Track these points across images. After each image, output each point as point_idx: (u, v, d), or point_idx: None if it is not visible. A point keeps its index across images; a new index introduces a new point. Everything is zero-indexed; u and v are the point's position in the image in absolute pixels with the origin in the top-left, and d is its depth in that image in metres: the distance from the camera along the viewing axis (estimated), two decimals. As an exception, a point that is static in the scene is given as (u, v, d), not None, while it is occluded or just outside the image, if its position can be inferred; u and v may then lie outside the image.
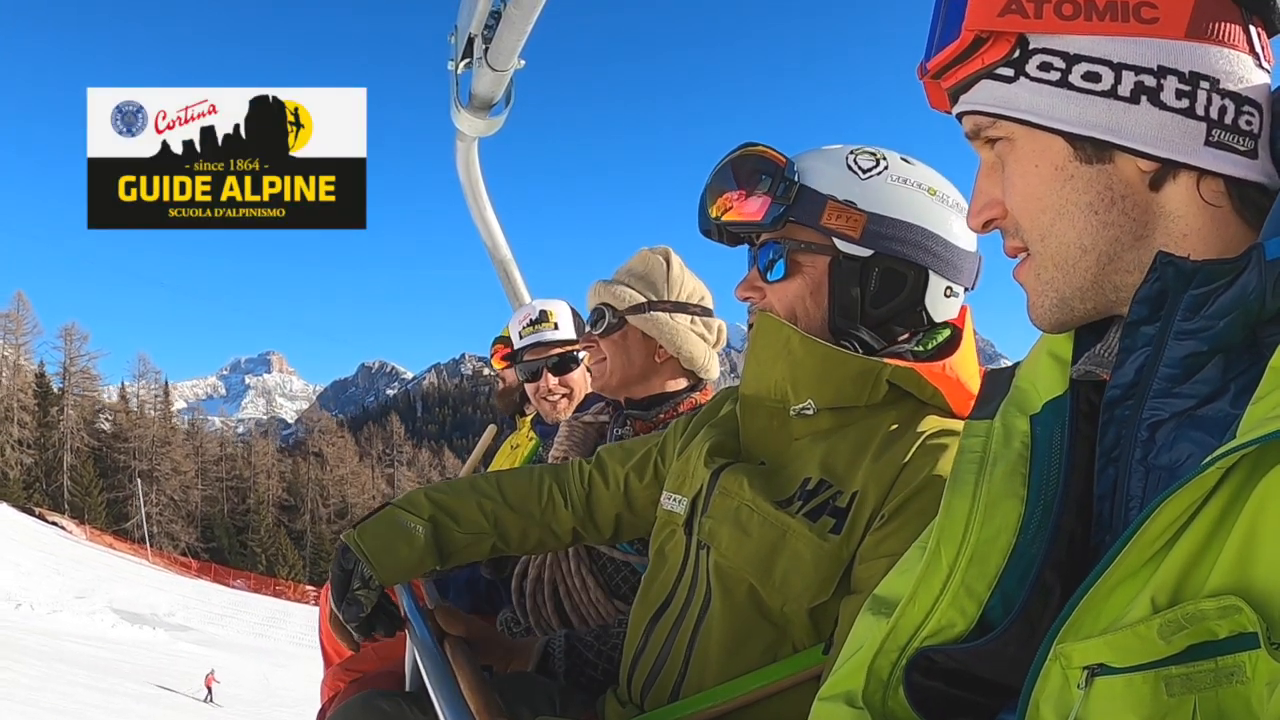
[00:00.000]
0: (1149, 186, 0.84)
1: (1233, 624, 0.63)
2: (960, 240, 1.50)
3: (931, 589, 0.90)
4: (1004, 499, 0.89)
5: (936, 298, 1.50)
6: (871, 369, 1.42)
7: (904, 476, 1.34)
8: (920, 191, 1.48)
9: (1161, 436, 0.80)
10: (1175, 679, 0.65)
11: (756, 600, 1.41)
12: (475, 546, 1.82)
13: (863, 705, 0.91)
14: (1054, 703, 0.72)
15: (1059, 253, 0.88)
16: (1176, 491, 0.67)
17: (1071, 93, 0.84)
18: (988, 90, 0.89)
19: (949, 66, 0.91)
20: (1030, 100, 0.86)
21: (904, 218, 1.46)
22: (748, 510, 1.44)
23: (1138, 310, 0.81)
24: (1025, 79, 0.86)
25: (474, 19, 2.78)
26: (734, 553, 1.44)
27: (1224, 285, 0.76)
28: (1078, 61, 0.84)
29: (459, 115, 3.11)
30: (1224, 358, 0.77)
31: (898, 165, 1.50)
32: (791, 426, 1.51)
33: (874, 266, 1.46)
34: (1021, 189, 0.89)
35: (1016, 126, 0.88)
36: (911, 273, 1.47)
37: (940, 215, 1.48)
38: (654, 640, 1.55)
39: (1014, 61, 0.86)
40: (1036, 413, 0.93)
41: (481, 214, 3.59)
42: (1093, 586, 0.71)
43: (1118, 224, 0.85)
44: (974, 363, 1.52)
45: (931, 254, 1.47)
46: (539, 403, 3.03)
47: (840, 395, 1.44)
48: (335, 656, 2.71)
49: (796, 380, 1.46)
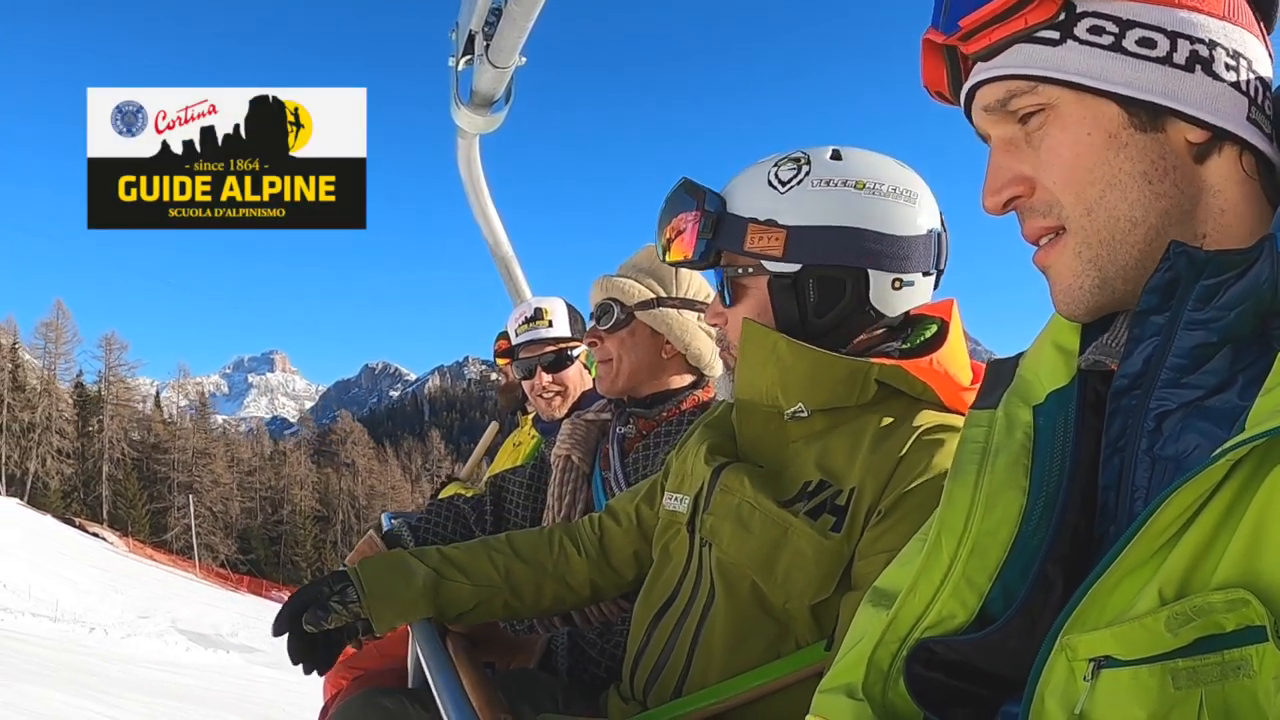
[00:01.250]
0: (1195, 160, 0.82)
1: (1240, 617, 0.63)
2: (901, 227, 1.45)
3: (932, 580, 0.89)
4: (1005, 490, 0.88)
5: (884, 293, 1.47)
6: (860, 369, 1.42)
7: (900, 471, 1.34)
8: (846, 190, 1.44)
9: (1168, 427, 0.79)
10: (1182, 672, 0.65)
11: (759, 596, 1.41)
12: (487, 604, 1.75)
13: (863, 697, 0.91)
14: (1059, 695, 0.71)
15: (1108, 226, 0.84)
16: (1184, 484, 0.66)
17: (1127, 58, 0.81)
18: (1027, 53, 0.84)
19: (986, 25, 0.85)
20: (1082, 62, 0.82)
21: (829, 223, 1.44)
22: (749, 507, 1.44)
23: (1148, 299, 0.81)
24: (1074, 42, 0.82)
25: (475, 16, 2.78)
26: (736, 549, 1.44)
27: (1235, 276, 0.76)
28: (1131, 26, 0.81)
29: (460, 112, 3.11)
30: (1233, 349, 0.76)
31: (822, 166, 1.46)
32: (787, 430, 1.50)
33: (807, 278, 1.45)
34: (1069, 159, 0.84)
35: (1063, 92, 0.84)
36: (848, 276, 1.45)
37: (871, 208, 1.44)
38: (657, 638, 1.55)
39: (1060, 24, 0.83)
40: (1040, 403, 0.92)
41: (483, 210, 3.60)
42: (1099, 578, 0.71)
43: (1169, 195, 0.82)
44: (963, 355, 1.52)
45: (865, 252, 1.44)
46: (536, 400, 3.03)
47: (832, 397, 1.44)
48: (338, 655, 2.71)
49: (787, 384, 1.45)
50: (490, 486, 2.81)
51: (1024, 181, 0.88)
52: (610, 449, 2.29)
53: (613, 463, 2.25)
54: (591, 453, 2.37)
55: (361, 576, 1.68)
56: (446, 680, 1.43)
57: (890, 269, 1.45)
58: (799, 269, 1.45)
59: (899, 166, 1.50)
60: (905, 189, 1.46)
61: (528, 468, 2.77)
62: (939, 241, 1.50)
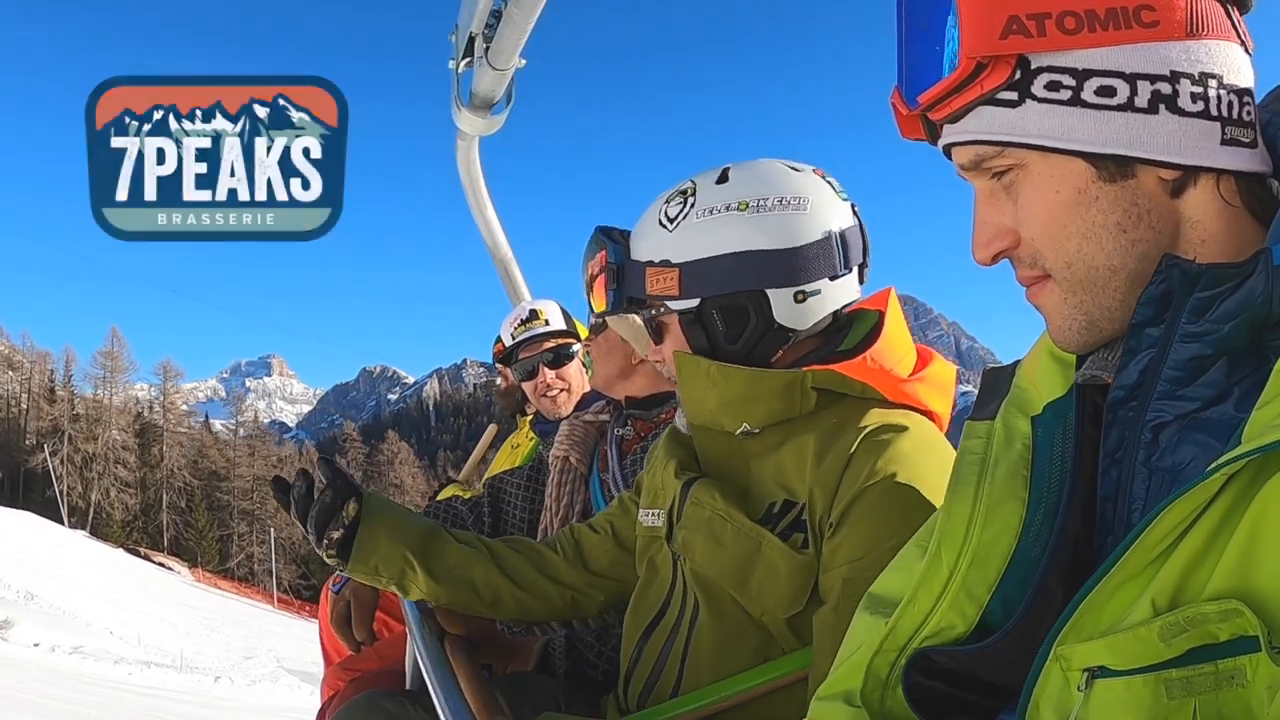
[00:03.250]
0: (1170, 195, 0.81)
1: (1233, 627, 0.63)
2: (792, 239, 1.43)
3: (931, 591, 0.89)
4: (1005, 501, 0.88)
5: (788, 309, 1.45)
6: (794, 379, 1.41)
7: (846, 479, 1.33)
8: (729, 215, 1.43)
9: (1165, 438, 0.79)
10: (1175, 682, 0.65)
11: (741, 605, 1.42)
12: (467, 560, 1.75)
13: (861, 704, 0.91)
14: (1054, 704, 0.72)
15: (1088, 276, 0.84)
16: (1179, 497, 0.66)
17: (1087, 110, 0.79)
18: (988, 118, 0.82)
19: (942, 100, 0.84)
20: (1042, 123, 0.80)
21: (715, 252, 1.44)
22: (720, 520, 1.44)
23: (1143, 312, 0.81)
24: (1033, 101, 0.80)
25: (475, 18, 2.79)
26: (708, 563, 1.44)
27: (1230, 289, 0.76)
28: (1088, 77, 0.79)
29: (460, 114, 3.11)
30: (1229, 361, 0.76)
31: (707, 194, 1.46)
32: (745, 447, 1.50)
33: (710, 310, 1.46)
34: (1041, 217, 0.84)
35: (1029, 152, 0.82)
36: (747, 301, 1.44)
37: (757, 227, 1.43)
38: (648, 652, 1.55)
39: (1016, 84, 0.80)
40: (1038, 414, 0.92)
41: (482, 213, 3.60)
42: (1094, 589, 0.71)
43: (1145, 239, 0.81)
44: (902, 345, 1.50)
45: (757, 274, 1.43)
46: (539, 400, 3.02)
47: (772, 411, 1.44)
48: (335, 656, 2.72)
49: (727, 406, 1.46)
50: (488, 488, 2.81)
51: (1009, 234, 0.87)
52: (609, 450, 2.29)
53: (611, 464, 2.25)
54: (590, 454, 2.37)
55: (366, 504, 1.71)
56: (444, 682, 1.43)
57: (788, 284, 1.43)
58: (699, 303, 1.46)
59: (787, 173, 1.47)
60: (793, 197, 1.43)
61: (525, 469, 2.77)
62: (842, 240, 1.45)
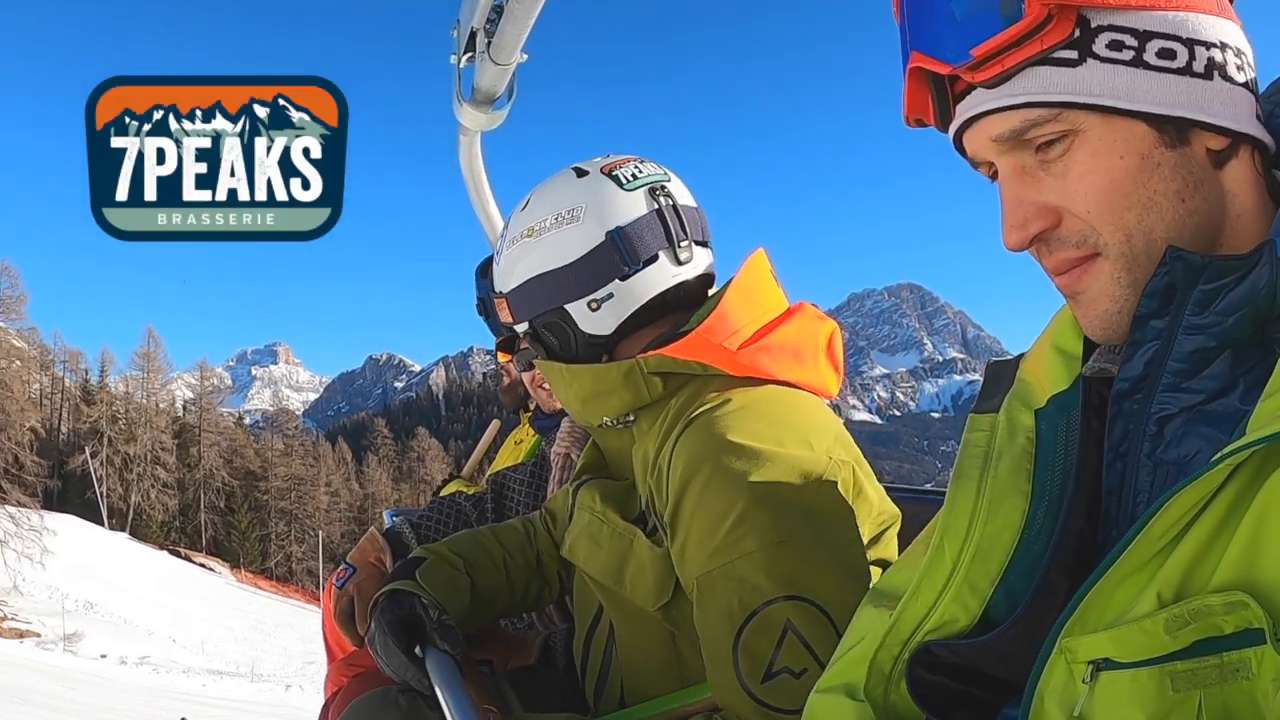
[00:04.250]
0: (1215, 165, 0.80)
1: (1239, 619, 0.63)
2: (568, 254, 1.46)
3: (935, 584, 0.89)
4: (1008, 496, 0.88)
5: (587, 319, 1.49)
6: (631, 368, 1.43)
7: (671, 473, 1.33)
8: (522, 243, 1.51)
9: (1170, 431, 0.79)
10: (1181, 674, 0.65)
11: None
12: (490, 570, 1.74)
13: (864, 698, 0.91)
14: (1058, 697, 0.72)
15: (1146, 250, 0.79)
16: (1184, 488, 0.66)
17: (1149, 72, 0.77)
18: (1044, 77, 0.78)
19: (1000, 53, 0.78)
20: (1106, 83, 0.77)
21: (520, 279, 1.52)
22: (598, 522, 1.48)
23: (1147, 304, 0.80)
24: (1094, 60, 0.77)
25: (476, 13, 2.77)
26: (590, 565, 1.48)
27: (1234, 281, 0.75)
28: (1150, 38, 0.77)
29: (461, 110, 3.10)
30: (1233, 353, 0.76)
31: (514, 224, 1.54)
32: (626, 441, 1.52)
33: (536, 330, 1.55)
34: (1103, 185, 0.79)
35: (1088, 116, 0.78)
36: (555, 318, 1.51)
37: (539, 251, 1.49)
38: (594, 654, 1.57)
39: (1077, 42, 0.77)
40: (1041, 407, 0.91)
41: (484, 208, 3.58)
42: (1098, 581, 0.71)
43: (1200, 210, 0.79)
44: (749, 310, 1.47)
45: (550, 294, 1.50)
46: (536, 392, 3.02)
47: (624, 402, 1.46)
48: (339, 651, 2.71)
49: (585, 403, 1.50)
50: (491, 484, 2.81)
51: (1049, 213, 0.82)
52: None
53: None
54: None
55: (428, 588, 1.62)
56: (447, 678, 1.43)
57: (578, 296, 1.48)
58: (528, 325, 1.55)
59: (567, 184, 1.50)
60: (566, 210, 1.47)
61: (528, 466, 2.77)
62: (621, 238, 1.45)
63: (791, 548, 1.21)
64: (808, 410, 1.41)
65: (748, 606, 1.20)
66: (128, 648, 19.72)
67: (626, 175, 1.49)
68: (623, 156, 1.54)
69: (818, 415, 1.41)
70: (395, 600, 1.59)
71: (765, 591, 1.20)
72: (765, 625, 1.19)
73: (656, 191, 1.49)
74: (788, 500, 1.24)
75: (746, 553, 1.22)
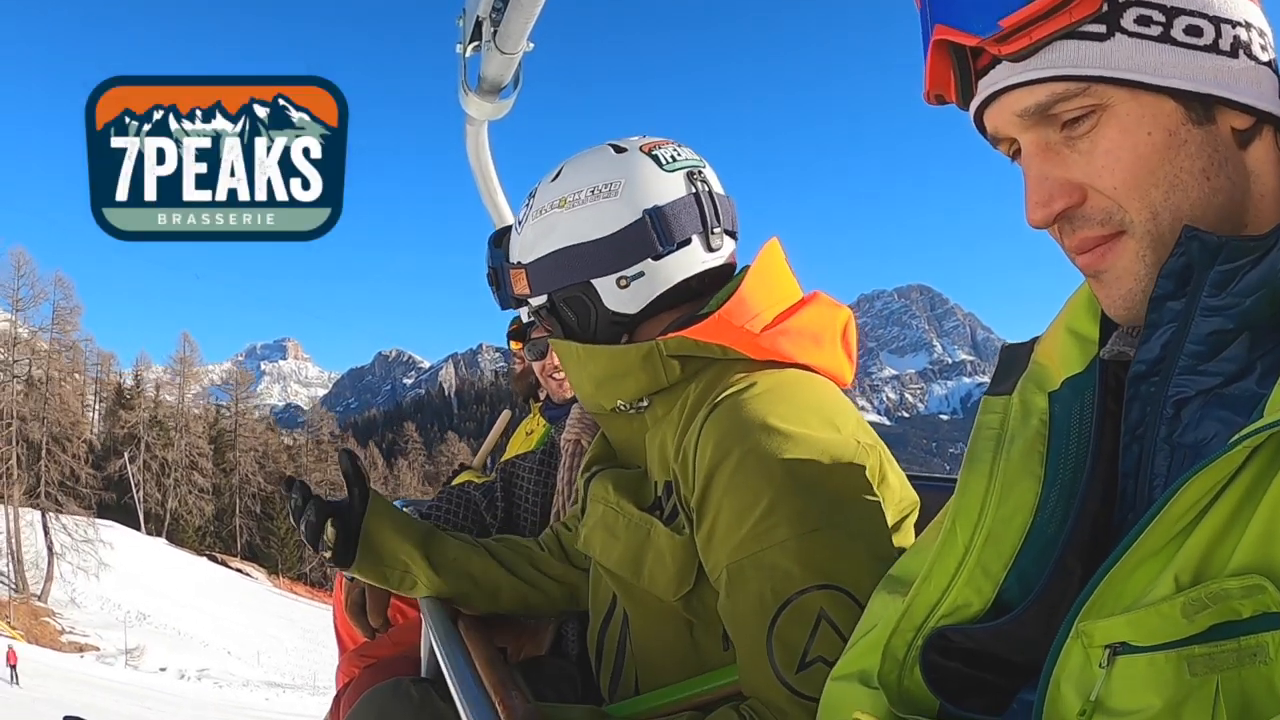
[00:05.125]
0: (1239, 145, 0.79)
1: (1256, 603, 0.63)
2: (604, 228, 1.45)
3: (947, 568, 0.89)
4: (1021, 479, 0.87)
5: (614, 296, 1.48)
6: (650, 350, 1.42)
7: (699, 456, 1.31)
8: (553, 213, 1.49)
9: (1187, 414, 0.78)
10: (1198, 658, 0.65)
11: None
12: (466, 554, 1.78)
13: (878, 685, 0.90)
14: (1075, 681, 0.71)
15: (1171, 229, 0.79)
16: (1201, 470, 0.66)
17: (1177, 48, 0.76)
18: (1073, 51, 0.77)
19: (1029, 24, 0.77)
20: (1135, 58, 0.76)
21: (545, 250, 1.50)
22: (613, 513, 1.46)
23: (1163, 285, 0.79)
24: (1123, 35, 0.76)
25: (482, 2, 2.77)
26: (606, 556, 1.47)
27: (1251, 262, 0.75)
28: (1177, 14, 0.77)
29: (467, 99, 3.10)
30: (1251, 335, 0.75)
31: (542, 195, 1.52)
32: (639, 427, 1.51)
33: (556, 304, 1.52)
34: (1131, 162, 0.78)
35: (1116, 90, 0.78)
36: (580, 292, 1.49)
37: (573, 222, 1.47)
38: (608, 645, 1.56)
39: (1105, 16, 0.76)
40: (1055, 390, 0.91)
41: (492, 198, 3.58)
42: (1115, 565, 0.70)
43: (1224, 190, 0.79)
44: (769, 294, 1.47)
45: (578, 267, 1.47)
46: (546, 380, 3.02)
47: (640, 385, 1.45)
48: (350, 642, 2.73)
49: (599, 385, 1.48)
50: (500, 473, 2.82)
51: (1074, 190, 0.81)
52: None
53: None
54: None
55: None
56: (458, 665, 1.43)
57: (608, 272, 1.46)
58: (546, 298, 1.53)
59: (606, 158, 1.49)
60: (603, 184, 1.46)
61: (538, 453, 2.76)
62: (661, 218, 1.44)
63: (824, 535, 1.20)
64: (831, 394, 1.41)
65: (781, 595, 1.19)
66: (186, 661, 19.84)
67: (666, 156, 1.48)
68: (661, 138, 1.53)
69: (840, 400, 1.41)
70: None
71: (798, 580, 1.18)
72: (799, 614, 1.18)
73: (694, 176, 1.49)
74: (818, 485, 1.23)
75: (779, 541, 1.20)
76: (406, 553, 1.72)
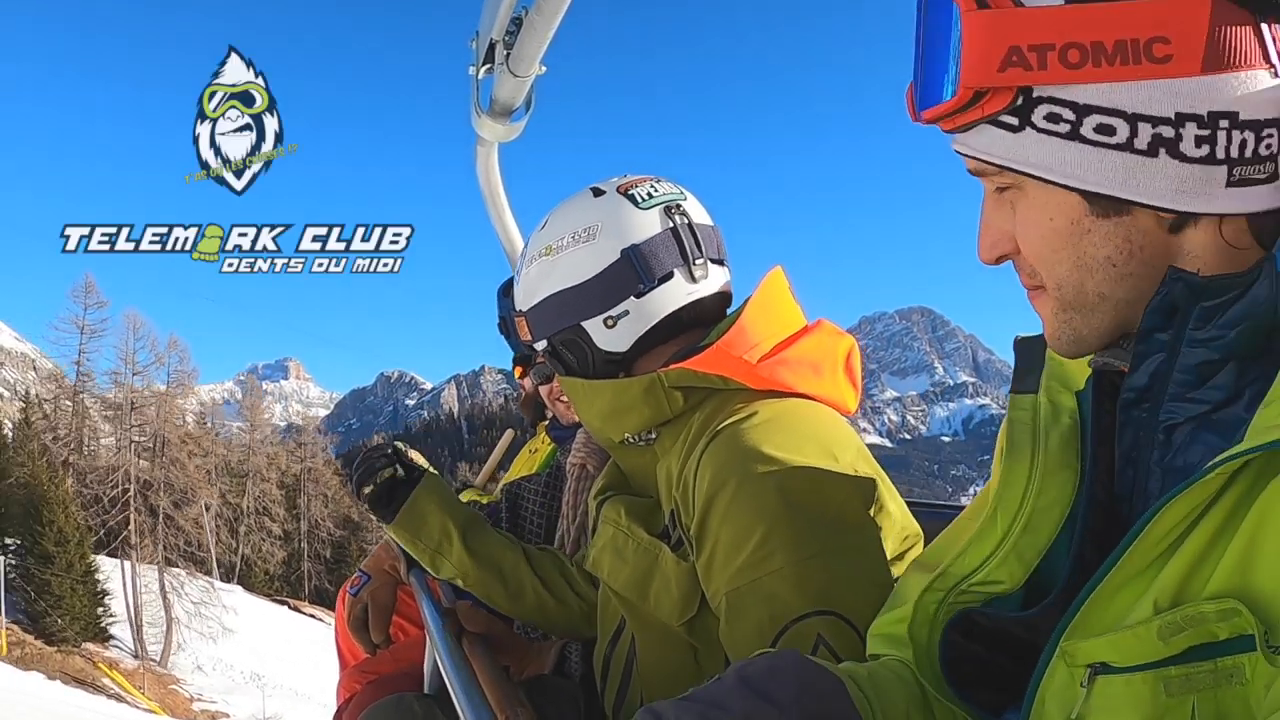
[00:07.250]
0: (1168, 231, 0.79)
1: (1232, 626, 0.64)
2: (583, 272, 1.48)
3: (982, 551, 0.92)
4: (1060, 469, 0.91)
5: (603, 336, 1.51)
6: (651, 382, 1.44)
7: (698, 485, 1.32)
8: (540, 261, 1.53)
9: (1178, 439, 0.80)
10: (1175, 679, 0.67)
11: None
12: (502, 548, 1.86)
13: (909, 640, 0.95)
14: (1059, 699, 0.74)
15: (1077, 299, 0.84)
16: (1179, 495, 0.68)
17: (1084, 146, 0.77)
18: (990, 137, 0.81)
19: (944, 118, 0.83)
20: (1039, 153, 0.79)
21: (540, 297, 1.54)
22: (623, 536, 1.48)
23: (1150, 319, 0.81)
24: (1032, 130, 0.79)
25: (495, 25, 2.79)
26: (614, 578, 1.49)
27: (1234, 297, 0.76)
28: (1088, 113, 0.76)
29: (479, 121, 3.12)
30: (1239, 364, 0.77)
31: (532, 243, 1.56)
32: (649, 457, 1.53)
33: (556, 346, 1.57)
34: (1034, 239, 0.84)
35: (1026, 176, 0.81)
36: (573, 335, 1.53)
37: (556, 269, 1.51)
38: (614, 667, 1.57)
39: (1018, 110, 0.79)
40: (1081, 390, 0.95)
41: (501, 219, 3.60)
42: (1098, 586, 0.73)
43: (1137, 274, 0.81)
44: (768, 325, 1.48)
45: (567, 312, 1.52)
46: (553, 404, 3.03)
47: (644, 418, 1.47)
48: (351, 658, 2.73)
49: (606, 419, 1.51)
50: (506, 494, 2.82)
51: (1011, 240, 0.87)
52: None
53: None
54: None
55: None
56: (464, 680, 1.44)
57: (595, 313, 1.50)
58: (546, 343, 1.58)
59: (582, 203, 1.52)
60: (580, 230, 1.49)
61: (544, 476, 2.77)
62: (636, 256, 1.47)
63: (820, 562, 1.21)
64: (830, 424, 1.41)
65: (778, 622, 1.20)
66: (315, 723, 19.63)
67: (642, 194, 1.50)
68: (640, 176, 1.55)
69: (840, 429, 1.42)
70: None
71: (796, 607, 1.19)
72: (797, 640, 1.18)
73: (671, 210, 1.50)
74: (815, 513, 1.24)
75: (775, 569, 1.21)
76: (445, 528, 1.81)
